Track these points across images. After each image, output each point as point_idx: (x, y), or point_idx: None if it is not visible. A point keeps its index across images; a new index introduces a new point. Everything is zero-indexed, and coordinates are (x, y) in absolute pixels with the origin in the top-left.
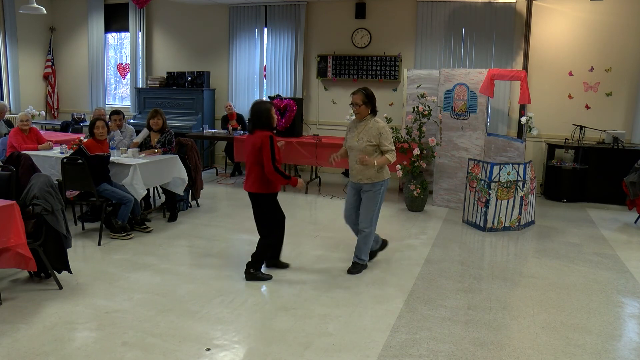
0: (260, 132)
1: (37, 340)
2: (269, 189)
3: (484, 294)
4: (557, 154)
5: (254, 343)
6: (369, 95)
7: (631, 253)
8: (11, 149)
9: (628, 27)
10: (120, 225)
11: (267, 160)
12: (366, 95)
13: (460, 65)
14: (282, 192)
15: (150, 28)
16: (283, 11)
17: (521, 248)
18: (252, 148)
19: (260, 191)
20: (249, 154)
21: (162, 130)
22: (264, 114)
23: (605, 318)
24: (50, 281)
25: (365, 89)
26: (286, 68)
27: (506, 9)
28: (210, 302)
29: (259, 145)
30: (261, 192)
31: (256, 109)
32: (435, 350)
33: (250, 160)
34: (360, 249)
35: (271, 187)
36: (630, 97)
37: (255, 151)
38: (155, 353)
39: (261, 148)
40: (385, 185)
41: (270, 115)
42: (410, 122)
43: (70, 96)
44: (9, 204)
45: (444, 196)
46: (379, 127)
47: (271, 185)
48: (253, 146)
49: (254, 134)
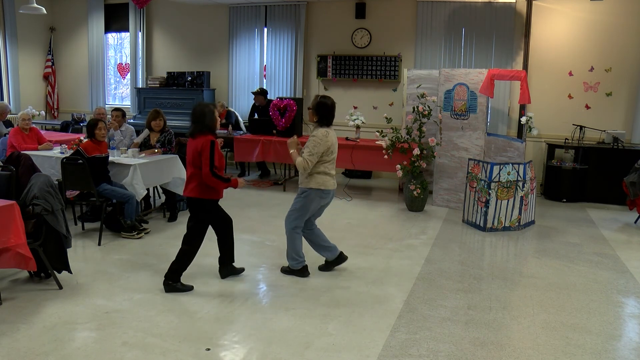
0: (202, 136)
1: (37, 340)
2: (210, 194)
3: (484, 294)
4: (557, 154)
5: (254, 343)
6: (318, 104)
7: (631, 253)
8: (11, 149)
9: (628, 27)
10: (130, 224)
11: (205, 165)
12: (317, 103)
13: (460, 65)
14: (282, 193)
15: (150, 28)
16: (283, 11)
17: (521, 248)
18: (194, 152)
19: (200, 196)
20: (190, 159)
21: (162, 130)
22: (207, 117)
23: (605, 318)
24: (50, 281)
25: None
26: (286, 68)
27: (506, 9)
28: (210, 302)
29: (199, 150)
30: (201, 197)
31: (198, 112)
32: (435, 350)
33: (191, 165)
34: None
35: (212, 193)
36: (630, 97)
37: (196, 155)
38: (155, 353)
39: (201, 152)
40: (308, 193)
41: (213, 118)
42: (410, 122)
43: (70, 96)
44: (9, 204)
45: (444, 196)
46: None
47: (212, 192)
48: (194, 150)
49: (196, 138)
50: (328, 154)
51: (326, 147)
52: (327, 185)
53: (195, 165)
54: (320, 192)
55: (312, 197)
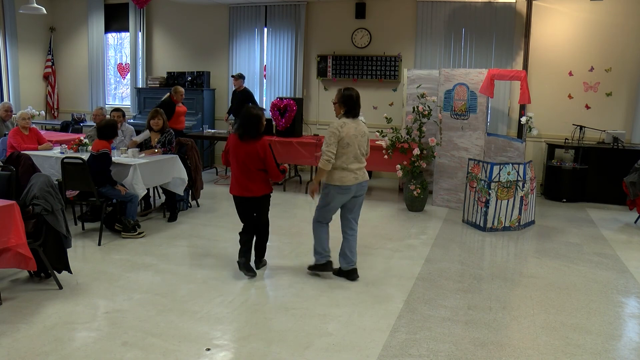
0: (254, 140)
1: (37, 340)
2: (271, 187)
3: (484, 294)
4: (557, 154)
5: (254, 343)
6: (343, 96)
7: (631, 253)
8: (11, 149)
9: (628, 27)
10: (133, 224)
11: (274, 168)
12: (341, 96)
13: (460, 65)
14: (282, 193)
15: (150, 28)
16: (283, 11)
17: (521, 248)
18: (252, 155)
19: (269, 192)
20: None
21: (163, 131)
22: (260, 122)
23: (605, 318)
24: (50, 281)
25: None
26: (286, 68)
27: (506, 9)
28: (210, 302)
29: (262, 155)
30: (269, 192)
31: (253, 118)
32: (435, 350)
33: (247, 166)
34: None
35: (271, 186)
36: (630, 97)
37: (255, 158)
38: (155, 353)
39: (265, 157)
40: (327, 190)
41: (263, 123)
42: (410, 122)
43: (70, 96)
44: (9, 204)
45: (444, 196)
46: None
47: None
48: (254, 153)
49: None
50: (343, 145)
51: (339, 138)
52: (345, 181)
53: (257, 167)
54: (338, 189)
55: (332, 194)
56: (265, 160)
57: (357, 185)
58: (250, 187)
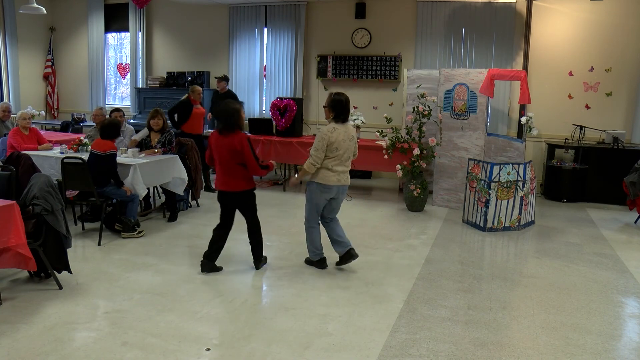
0: (232, 134)
1: (37, 340)
2: (254, 183)
3: (484, 294)
4: (557, 154)
5: (254, 343)
6: (332, 101)
7: (631, 253)
8: (11, 149)
9: (628, 27)
10: (133, 223)
11: (252, 161)
12: (331, 100)
13: (460, 65)
14: (282, 193)
15: (150, 28)
16: (283, 11)
17: (521, 248)
18: (230, 149)
19: (250, 187)
20: (225, 156)
21: (163, 131)
22: (236, 115)
23: (605, 318)
24: (50, 281)
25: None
26: (286, 68)
27: (506, 9)
28: (210, 302)
29: (239, 148)
30: (250, 188)
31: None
32: (435, 350)
33: (227, 161)
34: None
35: (253, 182)
36: (630, 97)
37: (233, 152)
38: (155, 353)
39: (242, 150)
40: (311, 187)
41: (241, 116)
42: (410, 122)
43: (70, 96)
44: (9, 204)
45: (444, 196)
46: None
47: (253, 180)
48: (230, 148)
49: (227, 137)
50: (332, 150)
51: (329, 143)
52: (327, 181)
53: (236, 162)
54: (320, 187)
55: (313, 190)
56: (242, 153)
57: (339, 187)
58: (229, 182)
